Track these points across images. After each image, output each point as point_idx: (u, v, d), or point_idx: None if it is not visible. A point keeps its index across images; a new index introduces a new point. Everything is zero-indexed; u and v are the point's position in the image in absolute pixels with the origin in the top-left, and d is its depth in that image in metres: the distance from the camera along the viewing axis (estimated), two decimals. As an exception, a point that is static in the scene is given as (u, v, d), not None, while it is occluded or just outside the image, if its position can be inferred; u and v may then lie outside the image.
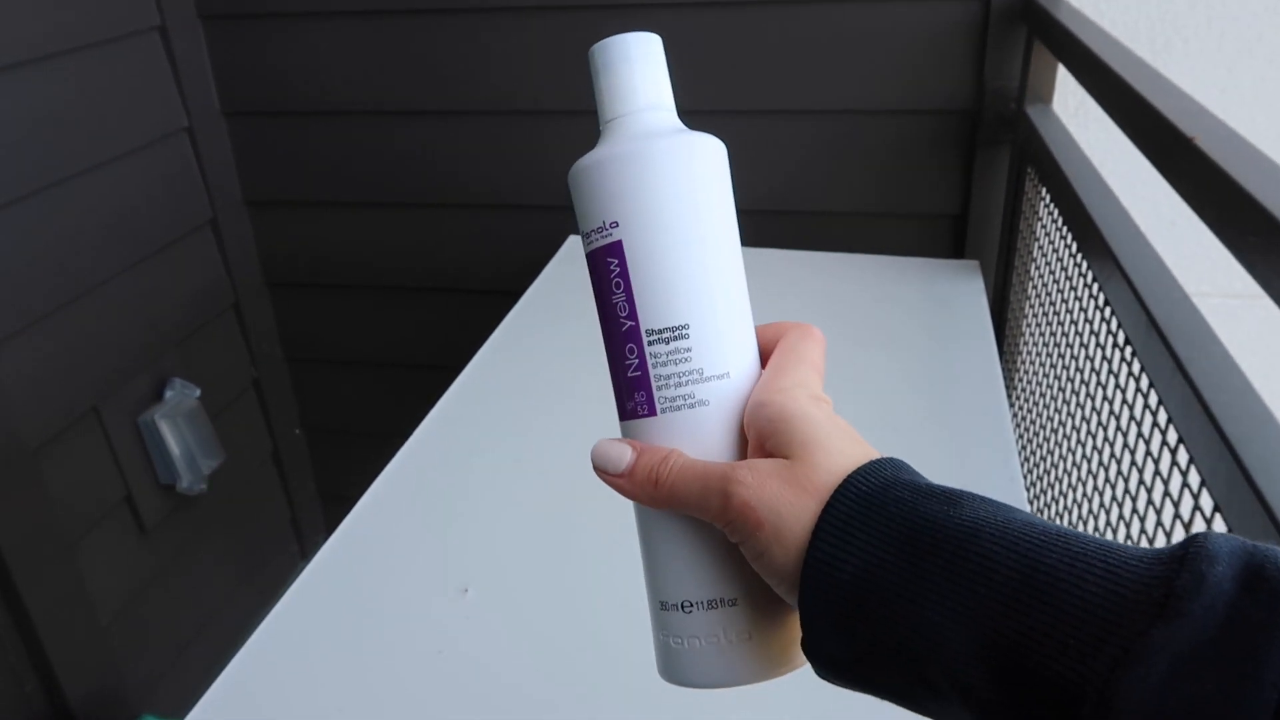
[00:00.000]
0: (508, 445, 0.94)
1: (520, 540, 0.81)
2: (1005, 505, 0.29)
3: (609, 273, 0.35)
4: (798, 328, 0.37)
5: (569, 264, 1.30)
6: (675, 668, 0.35)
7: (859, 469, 0.30)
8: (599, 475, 0.35)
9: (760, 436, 0.33)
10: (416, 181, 1.47)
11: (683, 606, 0.35)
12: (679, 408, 0.34)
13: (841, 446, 0.31)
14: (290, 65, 1.43)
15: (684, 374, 0.34)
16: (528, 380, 1.04)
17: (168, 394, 1.41)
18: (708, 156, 0.35)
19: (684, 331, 0.34)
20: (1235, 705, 0.21)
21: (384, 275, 1.57)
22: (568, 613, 0.73)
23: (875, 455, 0.32)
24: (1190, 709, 0.22)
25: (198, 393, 1.45)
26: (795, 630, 0.34)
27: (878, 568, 0.28)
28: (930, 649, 0.27)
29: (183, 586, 1.49)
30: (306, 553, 1.81)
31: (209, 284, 1.52)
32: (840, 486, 0.30)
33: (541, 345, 1.11)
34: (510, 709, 0.65)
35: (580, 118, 1.36)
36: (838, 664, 0.30)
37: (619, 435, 0.37)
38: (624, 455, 0.34)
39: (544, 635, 0.71)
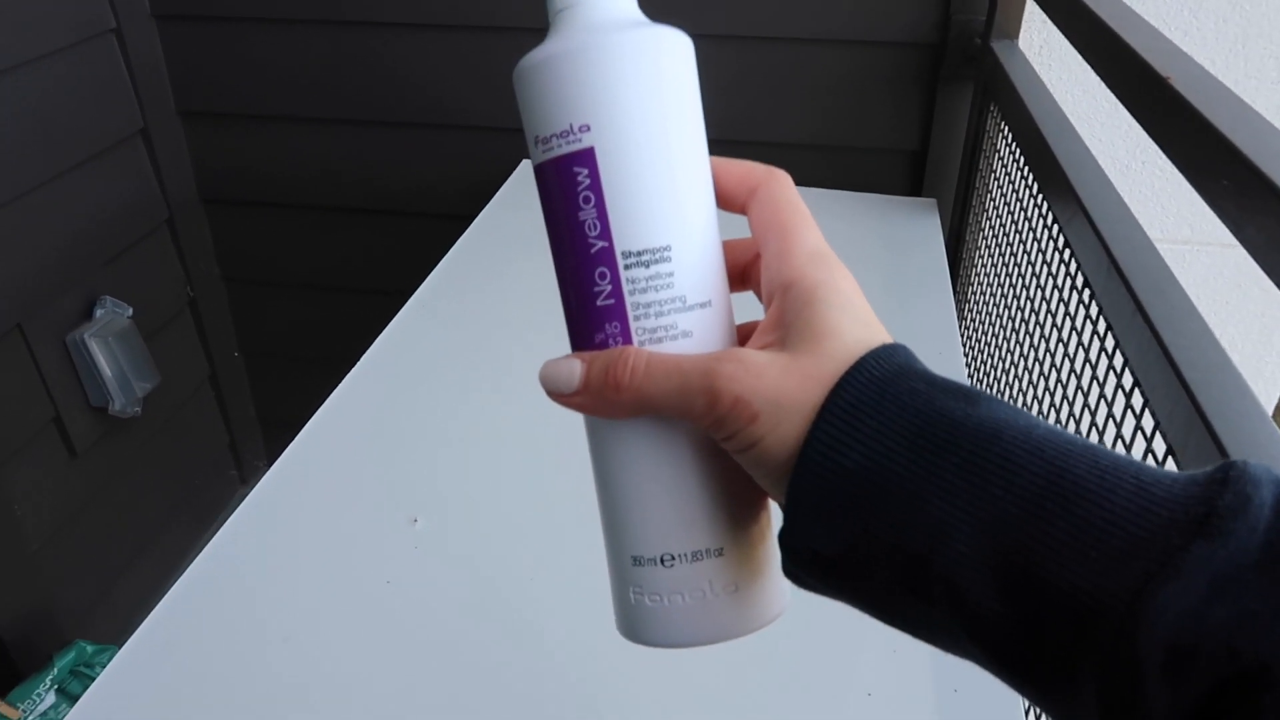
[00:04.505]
0: (457, 373, 0.91)
1: (470, 469, 0.80)
2: (1025, 412, 0.27)
3: (574, 185, 0.30)
4: (769, 173, 0.33)
5: (523, 188, 1.27)
6: (648, 627, 0.32)
7: (870, 353, 0.28)
8: (553, 399, 0.32)
9: (780, 318, 0.30)
10: (363, 96, 1.41)
11: (663, 560, 0.31)
12: (660, 340, 0.31)
13: (856, 332, 0.29)
14: (227, -34, 1.34)
15: (665, 301, 0.31)
16: (478, 306, 1.02)
17: (98, 312, 1.35)
18: (681, 53, 0.32)
19: (666, 254, 0.31)
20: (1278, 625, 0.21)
21: (328, 195, 1.51)
22: (519, 543, 0.72)
23: (887, 339, 0.29)
24: (1231, 629, 0.21)
25: (130, 312, 1.39)
26: (777, 576, 0.32)
27: (883, 457, 0.26)
28: (931, 548, 0.25)
29: (116, 512, 1.45)
30: (246, 478, 1.77)
31: (140, 198, 1.44)
32: (850, 369, 0.28)
33: (493, 271, 1.08)
34: (461, 640, 0.64)
35: (538, 36, 1.31)
36: (820, 561, 0.28)
37: None
38: (574, 369, 0.31)
39: (495, 565, 0.70)
